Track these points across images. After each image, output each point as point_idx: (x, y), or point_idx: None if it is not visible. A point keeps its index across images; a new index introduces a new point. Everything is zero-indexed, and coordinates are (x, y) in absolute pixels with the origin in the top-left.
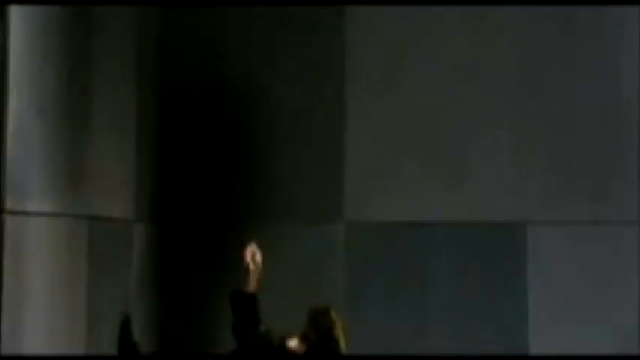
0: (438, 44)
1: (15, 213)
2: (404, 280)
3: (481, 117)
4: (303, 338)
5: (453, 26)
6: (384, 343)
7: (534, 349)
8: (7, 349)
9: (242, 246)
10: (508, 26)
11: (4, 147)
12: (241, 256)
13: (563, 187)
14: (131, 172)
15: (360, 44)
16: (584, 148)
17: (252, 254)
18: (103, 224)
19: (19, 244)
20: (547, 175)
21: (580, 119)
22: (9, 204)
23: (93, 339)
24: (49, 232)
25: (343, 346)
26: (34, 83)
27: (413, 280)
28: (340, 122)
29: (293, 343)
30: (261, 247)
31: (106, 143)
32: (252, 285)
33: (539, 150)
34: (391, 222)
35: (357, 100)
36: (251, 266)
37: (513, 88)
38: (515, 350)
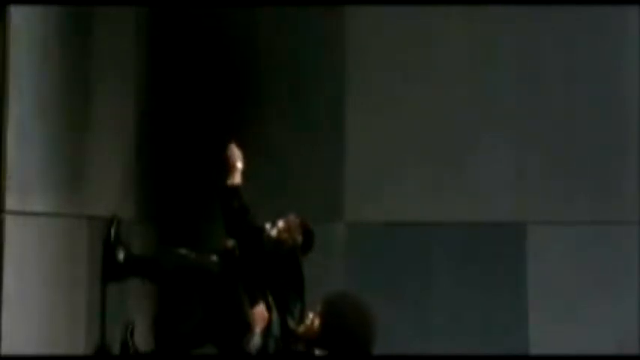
0: (438, 44)
1: (15, 213)
2: (404, 280)
3: (481, 117)
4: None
5: (453, 26)
6: (384, 343)
7: (534, 349)
8: (7, 349)
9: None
10: (508, 26)
11: (5, 147)
12: (225, 157)
13: (563, 187)
14: (131, 172)
15: (360, 44)
16: (585, 148)
17: (235, 153)
18: (103, 224)
19: (19, 243)
20: (547, 175)
21: (580, 119)
22: (9, 204)
23: (93, 339)
24: (49, 232)
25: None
26: (34, 83)
27: (413, 280)
28: (340, 122)
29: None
30: None
31: (106, 143)
32: (236, 179)
33: (539, 150)
34: (391, 222)
35: (356, 100)
36: (238, 164)
37: (513, 88)
38: (515, 350)
